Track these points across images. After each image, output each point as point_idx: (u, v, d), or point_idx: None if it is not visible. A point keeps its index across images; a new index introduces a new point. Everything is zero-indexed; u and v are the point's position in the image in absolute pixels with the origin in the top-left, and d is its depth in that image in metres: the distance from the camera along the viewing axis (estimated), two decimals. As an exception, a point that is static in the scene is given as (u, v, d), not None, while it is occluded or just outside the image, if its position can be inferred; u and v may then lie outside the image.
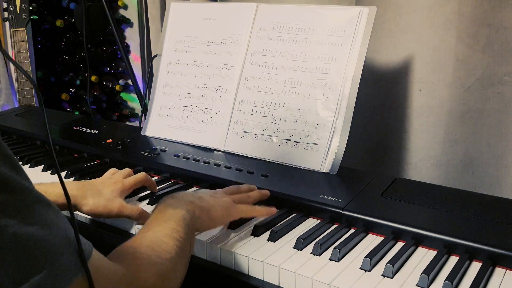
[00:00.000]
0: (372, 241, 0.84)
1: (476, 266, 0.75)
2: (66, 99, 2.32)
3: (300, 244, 0.81)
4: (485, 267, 0.74)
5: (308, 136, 1.10)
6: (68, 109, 2.38)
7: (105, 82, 2.37)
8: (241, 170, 1.07)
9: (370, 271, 0.74)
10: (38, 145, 1.38)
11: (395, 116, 1.43)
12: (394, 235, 0.84)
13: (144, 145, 1.26)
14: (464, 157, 1.35)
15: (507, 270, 0.75)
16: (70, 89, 2.38)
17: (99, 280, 0.53)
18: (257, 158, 1.14)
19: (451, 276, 0.71)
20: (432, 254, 0.79)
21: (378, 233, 0.86)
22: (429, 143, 1.39)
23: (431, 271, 0.72)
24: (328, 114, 1.08)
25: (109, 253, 0.64)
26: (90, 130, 1.40)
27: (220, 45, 1.25)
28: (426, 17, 1.33)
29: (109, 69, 2.39)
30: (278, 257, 0.78)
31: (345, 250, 0.79)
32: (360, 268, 0.75)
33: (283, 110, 1.13)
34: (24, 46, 1.95)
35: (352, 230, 0.87)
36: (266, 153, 1.13)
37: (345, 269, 0.75)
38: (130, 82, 2.35)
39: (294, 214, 0.93)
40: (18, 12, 1.94)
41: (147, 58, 2.20)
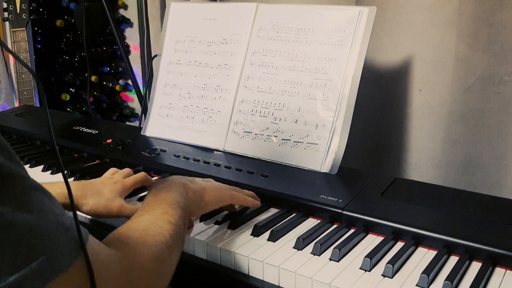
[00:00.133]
0: (372, 241, 0.84)
1: (476, 266, 0.75)
2: (66, 99, 2.32)
3: (300, 244, 0.81)
4: (485, 267, 0.74)
5: (308, 136, 1.10)
6: (68, 109, 2.38)
7: (105, 82, 2.37)
8: (241, 170, 1.07)
9: (370, 271, 0.74)
10: (38, 145, 1.38)
11: (395, 116, 1.43)
12: (394, 235, 0.84)
13: (144, 145, 1.26)
14: (464, 157, 1.35)
15: (507, 270, 0.75)
16: (70, 89, 2.38)
17: (96, 265, 0.53)
18: (257, 158, 1.14)
19: (451, 276, 0.71)
20: (432, 254, 0.79)
21: (378, 233, 0.86)
22: (429, 143, 1.39)
23: (431, 271, 0.72)
24: (328, 114, 1.08)
25: None
26: (90, 130, 1.40)
27: (220, 45, 1.25)
28: (426, 16, 1.33)
29: (109, 69, 2.39)
30: (278, 257, 0.78)
31: (345, 250, 0.79)
32: (360, 268, 0.75)
33: (283, 110, 1.13)
34: (24, 46, 1.95)
35: (352, 230, 0.87)
36: (266, 153, 1.13)
37: (345, 269, 0.75)
38: (130, 82, 2.35)
39: (294, 214, 0.93)
40: (18, 12, 1.94)
41: (147, 58, 2.20)
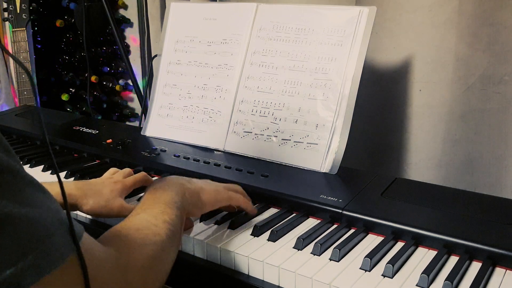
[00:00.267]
0: (372, 241, 0.84)
1: (476, 266, 0.75)
2: (66, 99, 2.32)
3: (300, 244, 0.81)
4: (485, 267, 0.74)
5: (308, 136, 1.10)
6: (68, 109, 2.38)
7: (105, 82, 2.37)
8: (241, 170, 1.07)
9: (370, 271, 0.74)
10: (38, 145, 1.38)
11: (395, 116, 1.43)
12: (394, 235, 0.83)
13: (144, 145, 1.26)
14: (464, 157, 1.35)
15: (507, 270, 0.75)
16: (70, 89, 2.38)
17: (91, 262, 0.53)
18: (257, 158, 1.14)
19: (451, 276, 0.71)
20: (432, 254, 0.79)
21: (378, 233, 0.86)
22: (429, 143, 1.39)
23: (431, 271, 0.72)
24: (328, 114, 1.08)
25: None
26: (90, 130, 1.40)
27: (220, 45, 1.25)
28: (427, 16, 1.33)
29: (109, 69, 2.39)
30: (278, 257, 0.78)
31: (345, 250, 0.79)
32: (360, 268, 0.75)
33: (283, 110, 1.13)
34: (24, 46, 1.95)
35: (352, 230, 0.87)
36: (266, 153, 1.13)
37: (345, 269, 0.75)
38: (130, 82, 2.35)
39: (294, 214, 0.93)
40: (18, 12, 1.94)
41: (147, 58, 2.20)
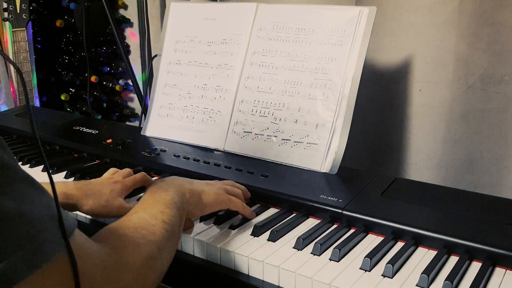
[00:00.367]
0: (372, 241, 0.84)
1: (476, 266, 0.75)
2: (66, 99, 2.32)
3: (300, 244, 0.81)
4: (485, 267, 0.74)
5: (308, 136, 1.10)
6: (68, 109, 2.38)
7: (105, 82, 2.37)
8: (241, 170, 1.07)
9: (370, 271, 0.74)
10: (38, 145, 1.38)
11: (395, 116, 1.43)
12: (394, 235, 0.83)
13: (144, 145, 1.26)
14: (464, 157, 1.35)
15: (507, 270, 0.75)
16: (70, 89, 2.38)
17: (82, 258, 0.53)
18: (257, 158, 1.14)
19: (451, 276, 0.71)
20: (432, 254, 0.79)
21: (378, 233, 0.86)
22: (429, 143, 1.39)
23: (431, 271, 0.72)
24: (328, 114, 1.08)
25: None
26: (90, 130, 1.40)
27: (220, 45, 1.25)
28: (427, 16, 1.33)
29: (109, 69, 2.39)
30: (278, 257, 0.78)
31: (345, 250, 0.79)
32: (360, 268, 0.75)
33: (283, 110, 1.13)
34: (24, 46, 1.95)
35: (352, 230, 0.87)
36: (266, 153, 1.13)
37: (345, 269, 0.75)
38: (130, 82, 2.35)
39: (294, 214, 0.93)
40: (18, 12, 1.94)
41: (147, 58, 2.20)
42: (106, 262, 0.58)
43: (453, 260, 0.77)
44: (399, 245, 0.82)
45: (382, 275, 0.73)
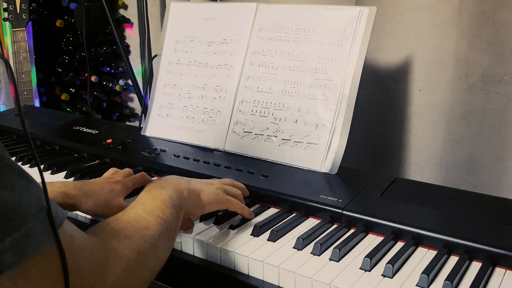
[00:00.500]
0: (372, 241, 0.84)
1: (476, 266, 0.75)
2: (66, 99, 2.32)
3: (300, 244, 0.81)
4: (485, 267, 0.74)
5: (308, 136, 1.10)
6: (68, 109, 2.38)
7: (105, 82, 2.37)
8: (241, 170, 1.07)
9: (370, 271, 0.74)
10: (38, 145, 1.38)
11: (395, 116, 1.43)
12: (394, 235, 0.83)
13: (144, 145, 1.26)
14: (464, 157, 1.35)
15: (507, 270, 0.75)
16: (70, 89, 2.38)
17: (71, 248, 0.53)
18: (257, 158, 1.14)
19: (451, 276, 0.71)
20: (432, 254, 0.79)
21: (378, 233, 0.86)
22: (429, 143, 1.39)
23: (431, 271, 0.72)
24: (328, 114, 1.08)
25: None
26: (90, 130, 1.40)
27: (220, 45, 1.25)
28: (427, 16, 1.33)
29: (109, 69, 2.39)
30: (278, 257, 0.78)
31: (345, 250, 0.79)
32: (360, 268, 0.75)
33: (283, 110, 1.13)
34: (24, 46, 1.95)
35: (352, 230, 0.87)
36: (266, 153, 1.13)
37: (345, 269, 0.75)
38: (130, 82, 2.35)
39: (294, 214, 0.93)
40: (18, 12, 1.94)
41: (147, 58, 2.20)
42: (95, 252, 0.58)
43: (453, 260, 0.77)
44: (399, 245, 0.82)
45: (382, 275, 0.73)
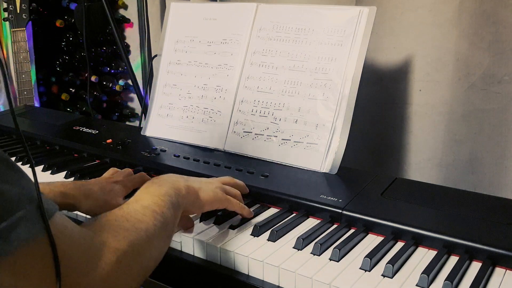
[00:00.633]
0: (372, 241, 0.84)
1: (476, 266, 0.75)
2: (66, 99, 2.32)
3: (300, 244, 0.81)
4: (485, 267, 0.74)
5: (308, 136, 1.10)
6: (68, 109, 2.38)
7: (105, 82, 2.37)
8: (241, 170, 1.07)
9: (370, 271, 0.74)
10: (38, 145, 1.38)
11: (396, 116, 1.43)
12: (394, 235, 0.83)
13: (144, 145, 1.26)
14: (464, 157, 1.35)
15: (507, 270, 0.75)
16: (70, 89, 2.38)
17: (62, 239, 0.53)
18: (257, 158, 1.14)
19: (451, 276, 0.71)
20: (432, 254, 0.79)
21: (378, 233, 0.86)
22: (429, 143, 1.39)
23: (431, 271, 0.72)
24: (328, 114, 1.08)
25: None
26: (90, 130, 1.40)
27: (220, 45, 1.25)
28: (427, 15, 1.33)
29: (109, 69, 2.39)
30: (278, 257, 0.78)
31: (345, 250, 0.79)
32: (360, 268, 0.75)
33: (283, 110, 1.13)
34: (24, 46, 1.95)
35: (352, 230, 0.87)
36: (266, 153, 1.13)
37: (345, 269, 0.75)
38: (130, 82, 2.36)
39: (294, 214, 0.93)
40: (18, 12, 1.94)
41: (147, 58, 2.20)
42: (86, 243, 0.58)
43: (453, 260, 0.77)
44: (399, 245, 0.82)
45: (382, 275, 0.73)
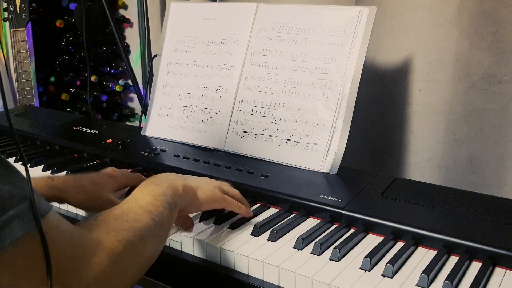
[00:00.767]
0: (372, 241, 0.84)
1: (476, 266, 0.75)
2: (66, 99, 2.32)
3: (300, 244, 0.81)
4: (485, 267, 0.74)
5: (308, 136, 1.10)
6: (68, 109, 2.38)
7: (105, 82, 2.37)
8: (241, 170, 1.07)
9: (370, 271, 0.74)
10: (38, 145, 1.38)
11: (396, 115, 1.43)
12: (394, 235, 0.83)
13: (144, 145, 1.26)
14: (464, 157, 1.35)
15: (507, 270, 0.75)
16: (70, 89, 2.38)
17: (55, 238, 0.54)
18: (257, 158, 1.14)
19: (451, 276, 0.71)
20: (432, 254, 0.79)
21: (378, 233, 0.86)
22: (429, 143, 1.39)
23: (431, 271, 0.72)
24: (328, 114, 1.08)
25: None
26: (90, 130, 1.40)
27: (220, 45, 1.25)
28: (427, 15, 1.33)
29: (109, 69, 2.39)
30: (278, 257, 0.78)
31: (345, 250, 0.79)
32: (360, 268, 0.75)
33: (283, 110, 1.13)
34: (24, 46, 1.95)
35: (352, 230, 0.87)
36: (266, 153, 1.13)
37: (345, 269, 0.75)
38: (130, 82, 2.36)
39: (294, 214, 0.93)
40: (18, 12, 1.94)
41: (147, 58, 2.20)
42: (79, 242, 0.58)
43: (453, 260, 0.77)
44: (399, 245, 0.82)
45: (382, 275, 0.73)
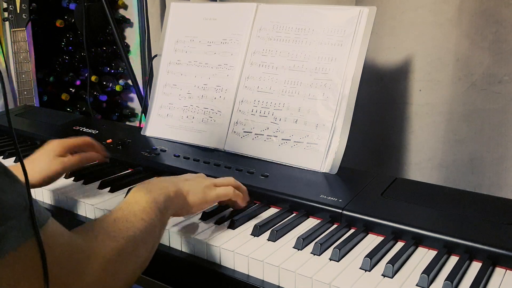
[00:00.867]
0: (372, 241, 0.84)
1: (476, 266, 0.75)
2: (66, 99, 2.32)
3: (300, 244, 0.81)
4: (485, 267, 0.74)
5: (308, 136, 1.10)
6: (68, 109, 2.38)
7: (105, 82, 2.37)
8: (241, 170, 1.07)
9: (370, 271, 0.74)
10: (38, 145, 1.38)
11: (396, 115, 1.43)
12: (394, 235, 0.83)
13: (144, 145, 1.26)
14: (465, 157, 1.35)
15: (507, 270, 0.75)
16: (70, 89, 2.38)
17: (53, 247, 0.54)
18: (257, 158, 1.14)
19: (451, 276, 0.71)
20: (432, 254, 0.79)
21: (378, 233, 0.86)
22: (429, 143, 1.39)
23: (431, 271, 0.72)
24: (328, 114, 1.08)
25: None
26: (90, 130, 1.40)
27: (220, 45, 1.25)
28: (428, 15, 1.33)
29: (109, 69, 2.39)
30: (278, 257, 0.78)
31: (345, 250, 0.79)
32: (360, 268, 0.75)
33: (283, 110, 1.13)
34: (24, 46, 1.95)
35: (352, 230, 0.87)
36: (266, 153, 1.13)
37: (345, 269, 0.75)
38: (130, 82, 2.36)
39: (294, 214, 0.93)
40: (18, 12, 1.94)
41: (147, 58, 2.20)
42: (76, 251, 0.59)
43: (453, 260, 0.77)
44: (399, 245, 0.82)
45: (382, 275, 0.73)
